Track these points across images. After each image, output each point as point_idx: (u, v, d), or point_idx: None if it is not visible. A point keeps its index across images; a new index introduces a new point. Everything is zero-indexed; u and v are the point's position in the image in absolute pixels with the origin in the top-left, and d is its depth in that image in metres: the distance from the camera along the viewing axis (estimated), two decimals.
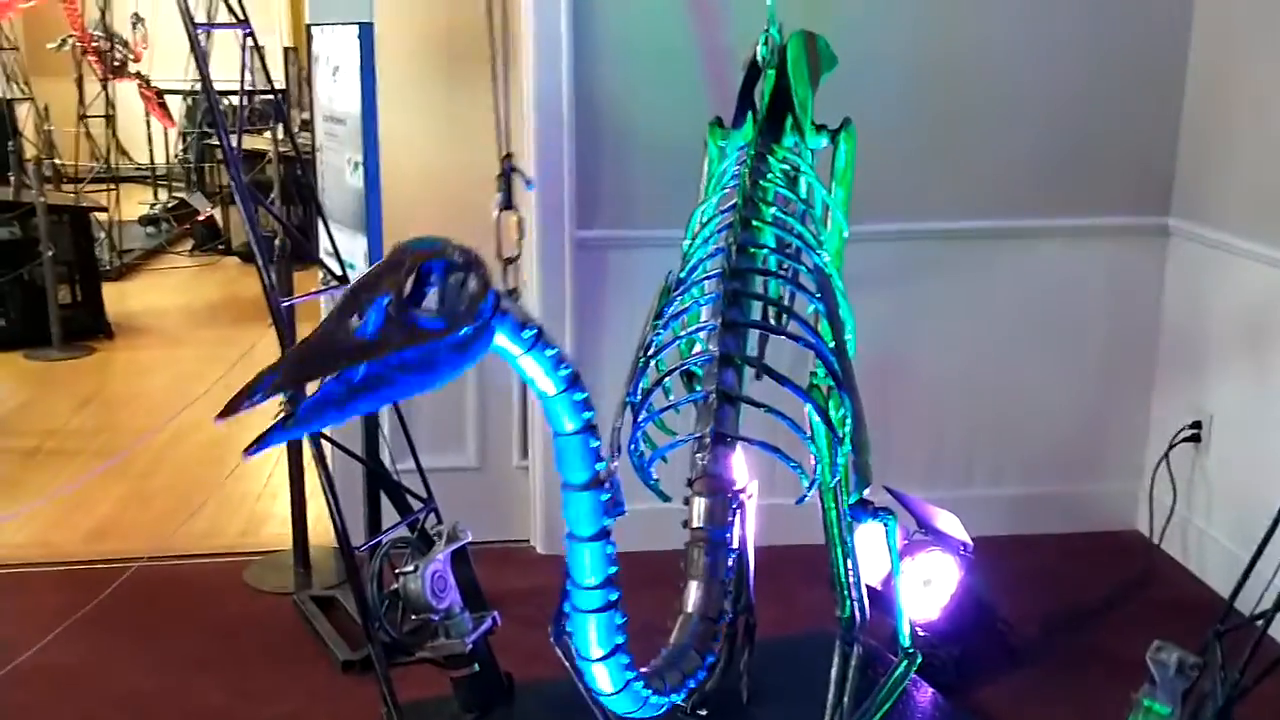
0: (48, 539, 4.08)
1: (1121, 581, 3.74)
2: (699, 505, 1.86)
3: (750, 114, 2.47)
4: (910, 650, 2.30)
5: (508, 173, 2.92)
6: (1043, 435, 4.07)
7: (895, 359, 3.89)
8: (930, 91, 3.76)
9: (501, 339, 1.41)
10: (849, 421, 2.09)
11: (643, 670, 1.72)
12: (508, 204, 2.93)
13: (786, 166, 2.37)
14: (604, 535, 1.60)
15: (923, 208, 3.81)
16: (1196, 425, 3.80)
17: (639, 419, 2.07)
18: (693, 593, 1.82)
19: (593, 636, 1.62)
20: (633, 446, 2.08)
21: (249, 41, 2.90)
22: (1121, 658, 3.22)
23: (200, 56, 2.62)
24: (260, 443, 1.21)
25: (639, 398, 2.09)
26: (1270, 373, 3.53)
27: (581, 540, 1.59)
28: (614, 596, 1.63)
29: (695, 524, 1.85)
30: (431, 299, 1.31)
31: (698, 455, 1.91)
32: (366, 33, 3.00)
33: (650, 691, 1.71)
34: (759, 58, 2.45)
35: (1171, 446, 3.85)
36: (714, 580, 1.82)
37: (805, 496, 2.05)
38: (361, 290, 1.29)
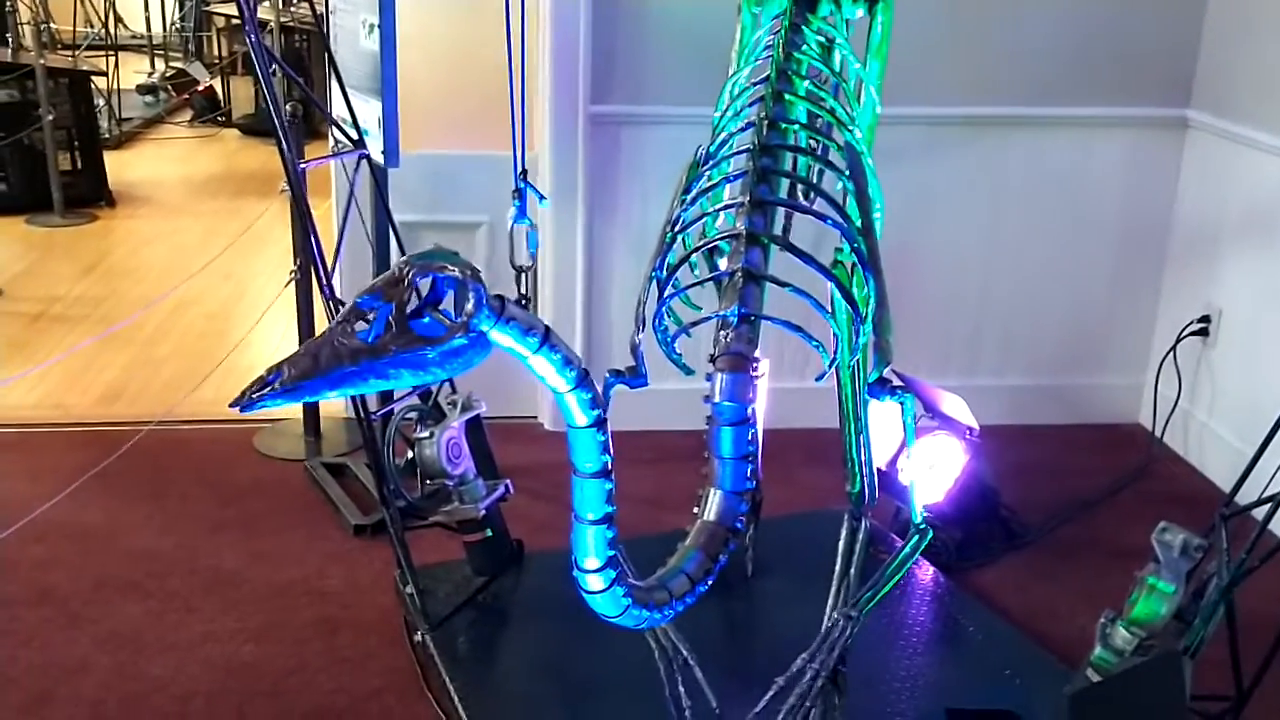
0: (60, 400, 4.11)
1: (1122, 473, 3.78)
2: (721, 381, 1.87)
3: None
4: (922, 526, 2.32)
5: (522, 189, 3.00)
6: (1050, 326, 4.08)
7: (907, 245, 3.87)
8: None
9: (510, 342, 1.55)
10: (871, 301, 2.09)
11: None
12: (522, 216, 3.04)
13: (821, 38, 2.32)
14: (608, 520, 1.69)
15: (939, 92, 3.75)
16: (1205, 319, 3.82)
17: (664, 294, 2.06)
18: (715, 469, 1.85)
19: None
20: (657, 321, 2.08)
21: None
22: (1120, 544, 3.29)
23: None
24: (248, 405, 1.37)
25: (664, 273, 2.08)
26: None
27: (585, 522, 1.68)
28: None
29: (717, 399, 1.87)
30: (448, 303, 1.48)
31: (721, 333, 1.91)
32: None
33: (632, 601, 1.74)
34: None
35: (1179, 340, 3.87)
36: (736, 458, 1.84)
37: (824, 374, 2.05)
38: (365, 299, 1.46)
